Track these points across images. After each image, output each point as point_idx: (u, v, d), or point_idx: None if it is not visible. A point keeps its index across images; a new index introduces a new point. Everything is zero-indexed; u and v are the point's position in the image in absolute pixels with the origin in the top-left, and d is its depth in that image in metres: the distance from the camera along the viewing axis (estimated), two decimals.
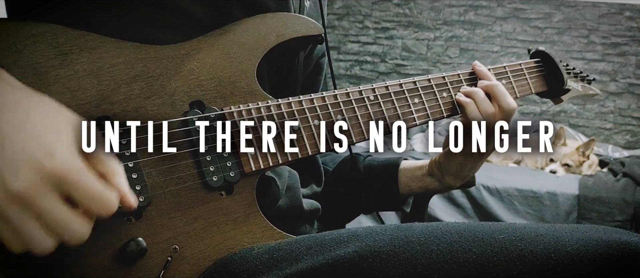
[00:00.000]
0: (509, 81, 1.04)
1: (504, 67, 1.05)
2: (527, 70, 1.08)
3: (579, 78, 1.21)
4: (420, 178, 1.07)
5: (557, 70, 1.12)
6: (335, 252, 0.65)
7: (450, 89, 0.96)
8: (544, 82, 1.12)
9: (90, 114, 0.69)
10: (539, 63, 1.12)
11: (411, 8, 4.70)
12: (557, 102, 1.17)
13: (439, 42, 4.67)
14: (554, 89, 1.14)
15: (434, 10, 4.66)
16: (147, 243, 0.69)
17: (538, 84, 1.11)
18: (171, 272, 0.70)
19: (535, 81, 1.10)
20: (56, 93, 0.68)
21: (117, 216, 0.68)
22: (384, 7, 4.76)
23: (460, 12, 4.60)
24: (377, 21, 4.78)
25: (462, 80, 0.98)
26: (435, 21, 4.67)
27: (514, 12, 4.48)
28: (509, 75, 1.05)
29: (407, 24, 4.73)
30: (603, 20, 4.32)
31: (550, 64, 1.13)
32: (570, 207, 2.95)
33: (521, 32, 4.49)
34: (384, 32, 4.77)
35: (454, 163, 1.02)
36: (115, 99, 0.71)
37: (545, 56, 1.13)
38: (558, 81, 1.13)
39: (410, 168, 1.09)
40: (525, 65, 1.09)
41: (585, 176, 3.22)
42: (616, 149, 3.92)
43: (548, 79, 1.13)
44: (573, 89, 1.17)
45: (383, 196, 1.10)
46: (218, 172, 0.74)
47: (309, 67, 1.02)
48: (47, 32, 0.70)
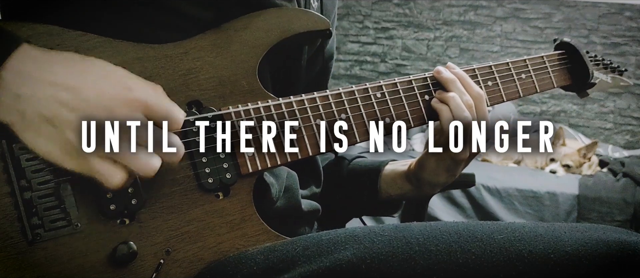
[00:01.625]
0: (529, 75, 0.99)
1: (524, 60, 0.99)
2: (549, 63, 1.03)
3: (609, 69, 1.14)
4: (397, 184, 1.03)
5: (583, 63, 1.06)
6: (333, 255, 0.64)
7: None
8: (568, 75, 1.06)
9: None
10: (562, 55, 1.06)
11: (411, 8, 4.70)
12: (583, 96, 1.10)
13: (439, 42, 4.67)
14: (579, 83, 1.07)
15: (434, 10, 4.65)
16: (139, 246, 0.68)
17: (561, 78, 1.04)
18: (163, 275, 0.69)
19: (558, 74, 1.04)
20: None
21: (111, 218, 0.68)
22: (384, 7, 4.75)
23: (460, 12, 4.60)
24: (377, 21, 4.77)
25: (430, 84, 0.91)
26: (435, 21, 4.66)
27: (514, 12, 4.48)
28: (529, 69, 0.99)
29: (407, 24, 4.72)
30: (603, 20, 4.31)
31: (575, 56, 1.07)
32: (570, 207, 2.95)
33: (521, 32, 4.49)
34: (384, 32, 4.77)
35: (427, 171, 0.96)
36: None
37: (570, 47, 1.07)
38: (584, 74, 1.06)
39: (390, 172, 1.04)
40: (547, 58, 1.03)
41: (585, 176, 3.21)
42: (616, 149, 3.92)
43: (573, 72, 1.06)
44: (601, 81, 1.10)
45: (366, 202, 1.06)
46: (214, 174, 0.73)
47: (316, 67, 1.00)
48: (44, 33, 0.69)
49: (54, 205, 0.66)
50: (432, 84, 0.90)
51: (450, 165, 0.94)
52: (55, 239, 0.66)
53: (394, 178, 1.03)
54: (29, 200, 0.65)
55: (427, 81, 0.91)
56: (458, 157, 0.92)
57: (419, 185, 1.00)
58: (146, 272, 0.68)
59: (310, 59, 0.96)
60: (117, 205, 0.68)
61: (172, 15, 0.77)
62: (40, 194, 0.66)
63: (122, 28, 0.74)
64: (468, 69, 0.94)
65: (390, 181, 1.03)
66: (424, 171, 0.97)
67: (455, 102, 0.88)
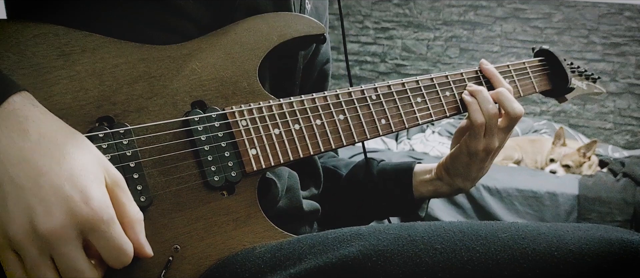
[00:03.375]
0: (513, 80, 1.04)
1: (507, 66, 1.04)
2: (531, 69, 1.08)
3: (584, 77, 1.21)
4: (430, 182, 1.05)
5: (562, 69, 1.12)
6: (339, 251, 0.65)
7: (453, 89, 0.96)
8: (548, 81, 1.12)
9: (91, 114, 0.69)
10: (543, 62, 1.12)
11: (411, 8, 4.71)
12: (562, 101, 1.17)
13: (439, 42, 4.68)
14: (558, 88, 1.14)
15: (434, 10, 4.66)
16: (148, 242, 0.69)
17: (542, 83, 1.10)
18: (172, 272, 0.69)
19: (539, 80, 1.10)
20: (58, 94, 0.68)
21: None
22: (383, 7, 4.76)
23: (460, 12, 4.60)
24: (377, 21, 4.78)
25: (465, 79, 0.98)
26: (435, 21, 4.67)
27: (514, 12, 4.49)
28: (513, 74, 1.04)
29: (407, 24, 4.73)
30: (603, 20, 4.32)
31: (554, 63, 1.13)
32: (570, 207, 2.95)
33: (521, 32, 4.49)
34: (384, 32, 4.78)
35: (460, 165, 0.99)
36: (117, 99, 0.71)
37: (550, 54, 1.13)
38: (562, 80, 1.12)
39: (420, 171, 1.07)
40: (529, 64, 1.08)
41: (585, 176, 3.22)
42: (616, 149, 3.92)
43: (552, 78, 1.13)
44: (578, 87, 1.17)
45: (397, 202, 1.07)
46: (219, 172, 0.74)
47: (313, 73, 1.02)
48: (49, 33, 0.70)
49: None
50: (424, 87, 0.93)
51: (482, 158, 0.97)
52: None
53: (425, 176, 1.06)
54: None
55: (421, 84, 0.94)
56: (487, 149, 0.95)
57: (451, 181, 1.02)
58: (155, 269, 0.69)
59: (307, 63, 0.98)
60: None
61: (175, 17, 0.78)
62: None
63: (126, 29, 0.75)
64: (455, 74, 0.98)
65: (422, 179, 1.06)
66: (457, 165, 1.00)
67: (482, 95, 0.94)
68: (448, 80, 0.96)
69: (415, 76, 0.93)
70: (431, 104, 0.93)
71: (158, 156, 0.71)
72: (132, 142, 0.69)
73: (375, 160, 1.11)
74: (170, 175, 0.71)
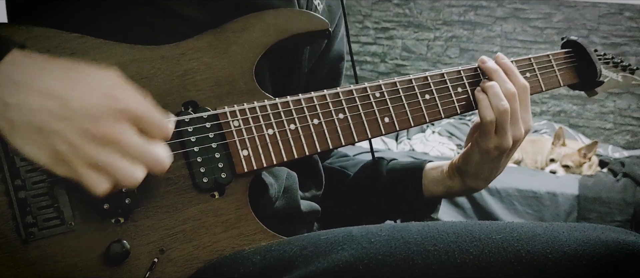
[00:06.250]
0: (534, 74, 0.98)
1: (529, 59, 0.98)
2: (555, 61, 1.02)
3: (620, 67, 1.12)
4: (441, 181, 1.01)
5: (591, 61, 1.05)
6: (331, 256, 0.64)
7: (466, 84, 0.91)
8: (575, 74, 1.05)
9: None
10: (569, 53, 1.05)
11: (411, 8, 4.70)
12: (591, 94, 1.09)
13: (439, 42, 4.67)
14: (587, 82, 1.06)
15: (434, 10, 4.65)
16: (133, 244, 0.69)
17: (567, 77, 1.03)
18: (157, 274, 0.69)
19: (565, 73, 1.03)
20: None
21: (105, 217, 0.69)
22: (384, 7, 4.75)
23: (460, 12, 4.60)
24: (377, 21, 4.77)
25: (463, 77, 0.92)
26: (435, 21, 4.66)
27: (514, 12, 4.48)
28: (534, 67, 0.98)
29: (407, 24, 4.72)
30: (603, 20, 4.31)
31: (582, 55, 1.05)
32: (570, 207, 2.94)
33: (521, 32, 4.49)
34: (384, 32, 4.77)
35: (472, 164, 0.95)
36: None
37: (577, 45, 1.06)
38: (591, 73, 1.04)
39: (431, 170, 1.03)
40: (553, 56, 1.02)
41: (585, 176, 3.21)
42: (616, 149, 3.92)
43: (580, 70, 1.05)
44: (610, 79, 1.08)
45: (408, 202, 1.04)
46: (209, 173, 0.73)
47: (323, 69, 0.99)
48: (40, 36, 0.69)
49: (48, 204, 0.67)
50: (430, 83, 0.89)
51: (495, 157, 0.92)
52: (49, 238, 0.66)
53: (437, 175, 1.02)
54: (23, 199, 0.66)
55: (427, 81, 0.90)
56: (500, 148, 0.90)
57: (463, 180, 0.98)
58: (140, 270, 0.68)
59: (316, 61, 0.95)
60: (111, 204, 0.68)
61: (169, 17, 0.78)
62: (34, 193, 0.66)
63: (119, 30, 0.74)
64: (469, 68, 0.93)
65: (433, 178, 1.02)
66: (469, 164, 0.95)
67: (493, 91, 0.88)
68: (461, 75, 0.91)
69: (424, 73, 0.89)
70: (441, 101, 0.88)
71: None
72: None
73: (385, 159, 1.07)
74: (158, 176, 0.70)
